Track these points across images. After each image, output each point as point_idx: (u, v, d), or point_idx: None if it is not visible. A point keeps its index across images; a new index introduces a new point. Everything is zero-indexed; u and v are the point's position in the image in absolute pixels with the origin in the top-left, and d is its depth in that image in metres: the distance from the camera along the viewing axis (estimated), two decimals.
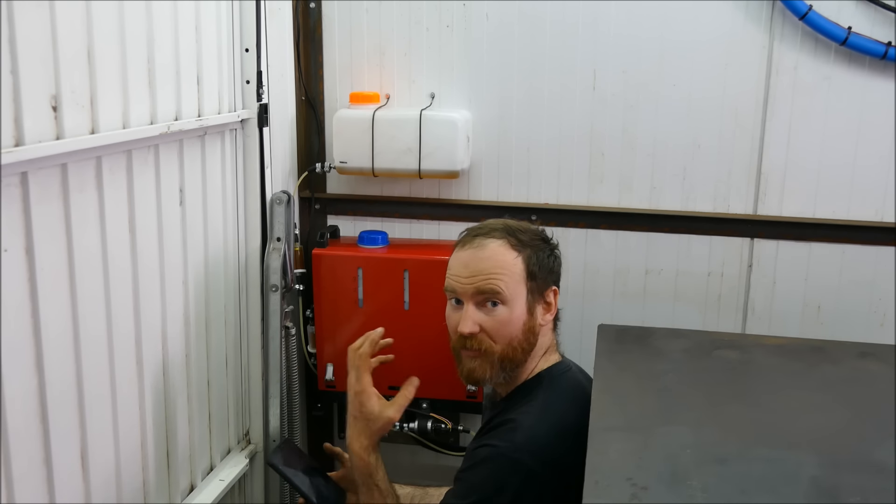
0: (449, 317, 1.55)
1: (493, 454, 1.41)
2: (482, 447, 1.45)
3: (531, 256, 1.51)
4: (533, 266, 1.51)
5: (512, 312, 1.48)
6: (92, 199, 1.38)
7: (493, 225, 1.55)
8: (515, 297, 1.48)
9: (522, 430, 1.41)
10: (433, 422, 2.23)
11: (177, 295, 1.69)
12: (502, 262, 1.49)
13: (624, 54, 2.12)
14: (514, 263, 1.49)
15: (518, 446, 1.39)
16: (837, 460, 1.11)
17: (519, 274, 1.49)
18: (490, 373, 1.50)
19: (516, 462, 1.38)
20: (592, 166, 2.20)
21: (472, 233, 1.55)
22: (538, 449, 1.38)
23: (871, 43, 1.98)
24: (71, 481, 1.38)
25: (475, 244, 1.51)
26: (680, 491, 1.02)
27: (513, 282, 1.48)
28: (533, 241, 1.54)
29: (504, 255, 1.49)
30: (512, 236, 1.51)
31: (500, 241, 1.51)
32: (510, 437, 1.41)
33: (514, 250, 1.50)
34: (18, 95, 1.17)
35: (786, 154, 2.11)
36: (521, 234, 1.53)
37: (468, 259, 1.50)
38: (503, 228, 1.53)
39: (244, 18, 1.88)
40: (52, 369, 1.30)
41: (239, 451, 2.01)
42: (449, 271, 1.53)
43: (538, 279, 1.52)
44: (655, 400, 1.31)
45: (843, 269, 2.14)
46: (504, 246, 1.50)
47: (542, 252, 1.54)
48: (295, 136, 2.25)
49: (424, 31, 2.20)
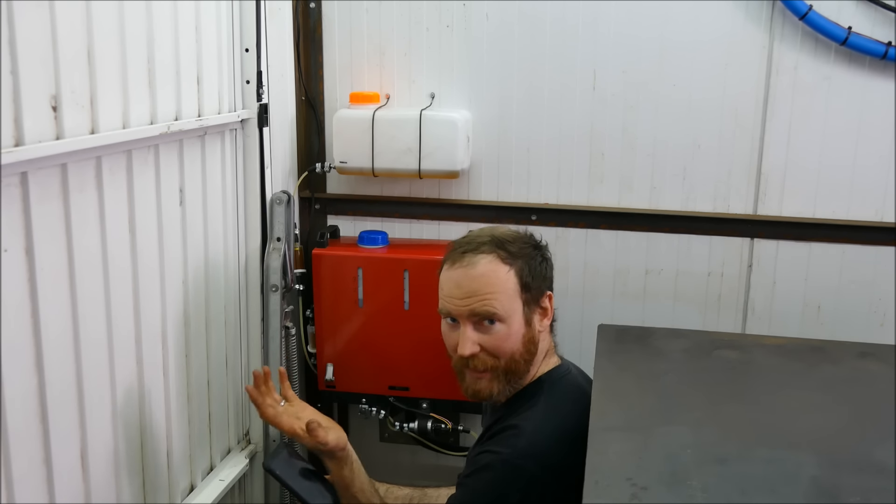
0: (446, 335, 1.52)
1: (496, 460, 1.40)
2: (484, 453, 1.44)
3: (523, 268, 1.48)
4: (526, 277, 1.48)
5: (510, 328, 1.46)
6: (92, 199, 1.38)
7: (481, 238, 1.50)
8: (512, 313, 1.46)
9: (525, 436, 1.40)
10: (433, 422, 2.24)
11: (177, 295, 1.69)
12: (495, 279, 1.45)
13: (624, 54, 2.12)
14: (506, 279, 1.46)
15: (521, 452, 1.38)
16: (837, 460, 1.11)
17: (513, 289, 1.46)
18: (497, 389, 1.49)
19: (518, 468, 1.37)
20: (592, 166, 2.20)
21: (460, 248, 1.50)
22: (540, 453, 1.38)
23: (871, 43, 1.98)
24: (71, 481, 1.38)
25: (465, 262, 1.46)
26: (680, 491, 1.02)
27: (507, 298, 1.45)
28: (523, 251, 1.50)
29: (496, 272, 1.45)
30: (502, 249, 1.47)
31: (490, 255, 1.46)
32: (513, 443, 1.40)
33: (506, 264, 1.46)
34: (18, 95, 1.17)
35: (786, 154, 2.11)
36: (511, 245, 1.49)
37: (460, 279, 1.46)
38: (491, 241, 1.48)
39: (244, 18, 1.88)
40: (52, 369, 1.30)
41: (239, 451, 2.01)
42: (441, 291, 1.50)
43: (532, 289, 1.49)
44: (655, 400, 1.31)
45: (843, 269, 2.14)
46: (495, 261, 1.46)
47: (534, 260, 1.51)
48: (295, 136, 2.25)
49: (424, 31, 2.20)
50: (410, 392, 2.21)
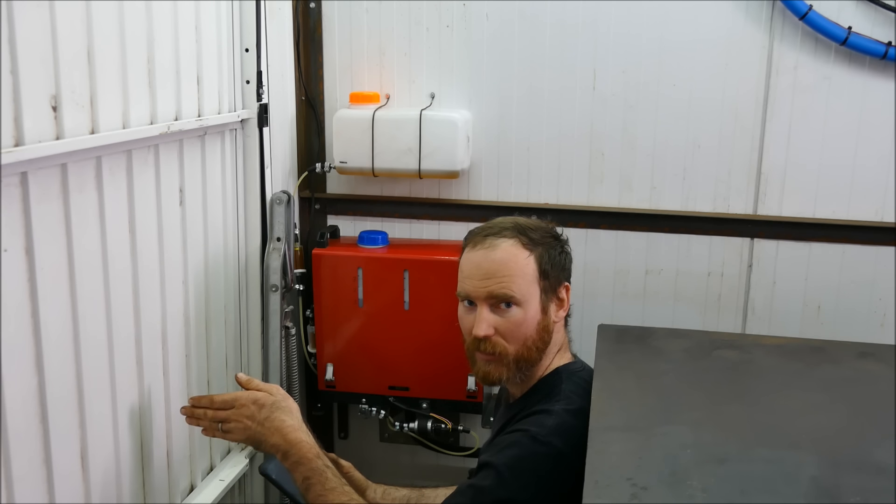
0: (462, 318, 1.52)
1: (525, 437, 1.39)
2: (512, 433, 1.42)
3: (543, 255, 1.49)
4: (545, 265, 1.49)
5: (526, 313, 1.47)
6: (92, 199, 1.38)
7: (504, 224, 1.52)
8: (529, 298, 1.47)
9: (554, 416, 1.40)
10: (433, 422, 2.24)
11: (177, 295, 1.69)
12: (514, 262, 1.46)
13: (624, 54, 2.12)
14: (526, 263, 1.47)
15: (551, 430, 1.38)
16: (837, 460, 1.11)
17: (532, 274, 1.47)
18: (506, 374, 1.49)
19: (549, 444, 1.36)
20: (592, 166, 2.20)
21: (482, 232, 1.51)
22: (569, 433, 1.37)
23: (871, 43, 1.98)
24: (71, 481, 1.38)
25: (486, 244, 1.48)
26: (680, 491, 1.02)
27: (526, 282, 1.46)
28: (544, 239, 1.52)
29: (516, 256, 1.47)
30: (523, 235, 1.49)
31: (512, 240, 1.48)
32: (542, 422, 1.40)
33: (526, 249, 1.48)
34: (18, 95, 1.17)
35: (786, 154, 2.11)
36: (533, 233, 1.50)
37: (480, 260, 1.47)
38: (514, 227, 1.51)
39: (244, 18, 1.88)
40: (52, 369, 1.30)
41: (239, 451, 2.00)
42: (461, 273, 1.51)
43: (551, 277, 1.50)
44: (655, 400, 1.31)
45: (843, 269, 2.14)
46: (516, 245, 1.48)
47: (554, 249, 1.52)
48: (295, 136, 2.25)
49: (424, 31, 2.20)
50: (410, 392, 2.21)
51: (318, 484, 1.44)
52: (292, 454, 1.45)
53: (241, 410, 1.49)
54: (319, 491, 1.43)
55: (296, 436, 1.46)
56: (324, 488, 1.44)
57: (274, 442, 1.46)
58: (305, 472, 1.45)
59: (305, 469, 1.45)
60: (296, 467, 1.45)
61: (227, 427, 1.49)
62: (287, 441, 1.46)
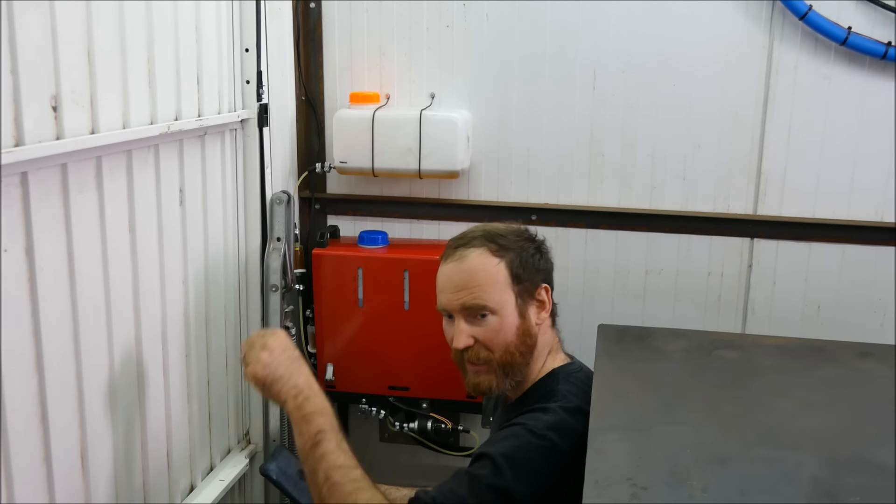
0: (445, 331, 1.56)
1: (523, 430, 1.39)
2: (510, 426, 1.42)
3: (514, 259, 1.50)
4: (517, 269, 1.50)
5: (503, 320, 1.48)
6: (92, 199, 1.38)
7: (474, 233, 1.54)
8: (503, 305, 1.48)
9: (552, 413, 1.41)
10: (433, 422, 2.24)
11: (177, 295, 1.69)
12: (484, 271, 1.48)
13: (624, 54, 2.12)
14: (496, 270, 1.48)
15: (548, 425, 1.38)
16: (837, 460, 1.11)
17: (503, 280, 1.49)
18: (496, 382, 1.50)
19: (546, 438, 1.37)
20: (592, 166, 2.20)
21: (453, 244, 1.54)
22: (567, 431, 1.37)
23: (871, 43, 1.98)
24: (71, 481, 1.38)
25: (456, 256, 1.51)
26: (680, 491, 1.02)
27: (497, 290, 1.48)
28: (516, 243, 1.53)
29: (485, 264, 1.49)
30: (492, 242, 1.51)
31: (480, 248, 1.50)
32: (539, 418, 1.40)
33: (496, 256, 1.50)
34: (18, 95, 1.17)
35: (786, 154, 2.11)
36: (502, 239, 1.52)
37: (451, 273, 1.50)
38: (483, 235, 1.52)
39: (244, 18, 1.88)
40: (52, 369, 1.30)
41: (239, 451, 2.01)
42: (437, 287, 1.54)
43: (524, 281, 1.51)
44: (655, 400, 1.31)
45: (843, 269, 2.14)
46: (485, 254, 1.49)
47: (526, 252, 1.53)
48: (295, 136, 2.25)
49: (424, 31, 2.20)
50: (410, 392, 2.21)
51: (333, 442, 1.36)
52: (315, 400, 1.38)
53: (255, 340, 1.43)
54: (331, 448, 1.35)
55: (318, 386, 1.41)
56: (337, 459, 1.35)
57: (296, 382, 1.40)
58: (323, 425, 1.36)
59: (325, 421, 1.36)
60: (312, 418, 1.37)
61: (246, 361, 1.42)
62: (312, 387, 1.39)
